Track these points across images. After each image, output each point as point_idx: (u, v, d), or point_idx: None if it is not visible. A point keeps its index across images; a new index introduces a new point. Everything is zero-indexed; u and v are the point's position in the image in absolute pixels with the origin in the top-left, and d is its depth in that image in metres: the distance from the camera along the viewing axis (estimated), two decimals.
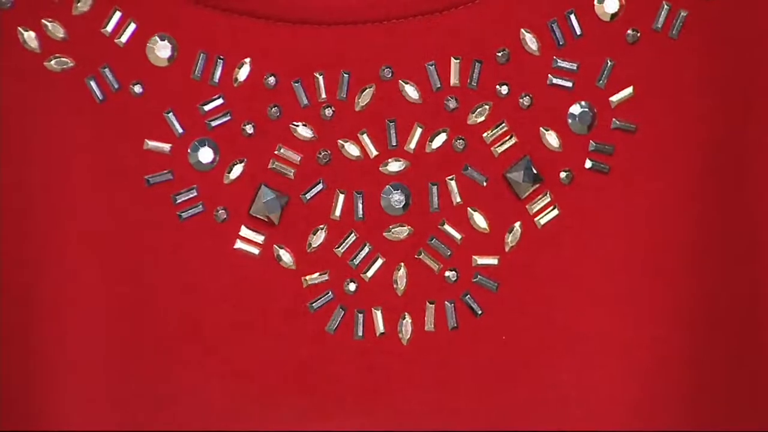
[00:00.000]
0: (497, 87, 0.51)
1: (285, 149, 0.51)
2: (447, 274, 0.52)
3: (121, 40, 0.50)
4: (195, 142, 0.51)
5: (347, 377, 0.52)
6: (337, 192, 0.51)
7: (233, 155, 0.51)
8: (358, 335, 0.52)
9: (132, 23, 0.50)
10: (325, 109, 0.51)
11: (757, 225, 0.52)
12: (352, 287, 0.52)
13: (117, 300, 0.51)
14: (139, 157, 0.50)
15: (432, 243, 0.52)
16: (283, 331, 0.52)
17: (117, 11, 0.49)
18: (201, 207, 0.51)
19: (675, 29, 0.50)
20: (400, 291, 0.52)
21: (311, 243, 0.51)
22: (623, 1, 0.50)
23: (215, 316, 0.51)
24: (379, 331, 0.52)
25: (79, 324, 0.51)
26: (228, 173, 0.51)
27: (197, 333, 0.51)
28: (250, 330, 0.51)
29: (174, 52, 0.50)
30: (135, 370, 0.52)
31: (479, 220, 0.52)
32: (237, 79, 0.50)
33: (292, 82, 0.50)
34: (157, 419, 0.52)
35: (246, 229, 0.51)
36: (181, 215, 0.51)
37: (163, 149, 0.51)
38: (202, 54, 0.50)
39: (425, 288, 0.52)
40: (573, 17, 0.50)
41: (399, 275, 0.52)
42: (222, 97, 0.50)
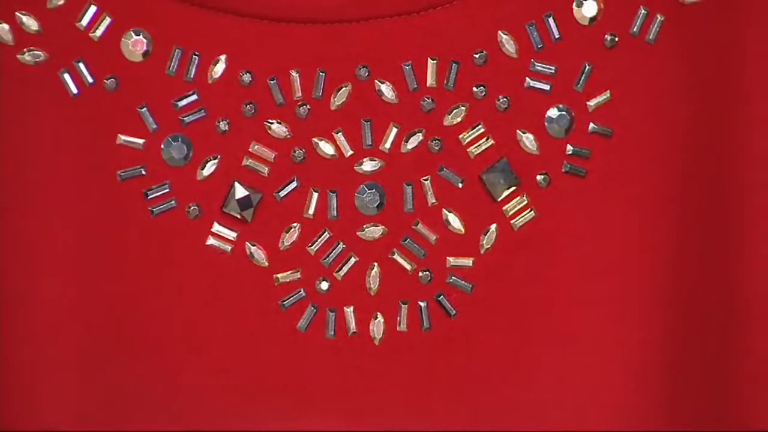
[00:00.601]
0: (474, 88, 0.51)
1: (259, 146, 0.51)
2: (421, 274, 0.52)
3: (96, 34, 0.50)
4: (168, 137, 0.50)
5: (318, 376, 0.52)
6: (311, 190, 0.51)
7: (207, 151, 0.51)
8: (329, 334, 0.52)
9: (107, 17, 0.49)
10: (301, 108, 0.50)
11: (734, 228, 0.51)
12: (324, 286, 0.52)
13: (87, 295, 0.51)
14: (112, 152, 0.50)
15: (406, 243, 0.52)
16: (255, 329, 0.51)
17: (92, 5, 0.49)
18: (173, 203, 0.51)
19: (652, 34, 0.50)
20: (372, 291, 0.52)
21: (284, 241, 0.51)
22: (602, 5, 0.50)
23: (186, 312, 0.51)
24: (351, 331, 0.52)
25: (49, 321, 0.51)
26: (201, 169, 0.51)
27: (168, 329, 0.51)
28: (221, 327, 0.51)
29: (149, 47, 0.50)
30: (105, 366, 0.52)
31: (454, 221, 0.52)
32: (212, 76, 0.50)
33: (267, 79, 0.50)
34: (129, 416, 0.52)
35: (218, 226, 0.51)
36: (153, 211, 0.51)
37: (136, 144, 0.50)
38: (177, 50, 0.50)
39: (398, 288, 0.52)
40: (551, 20, 0.50)
41: (372, 275, 0.52)
42: (196, 94, 0.50)
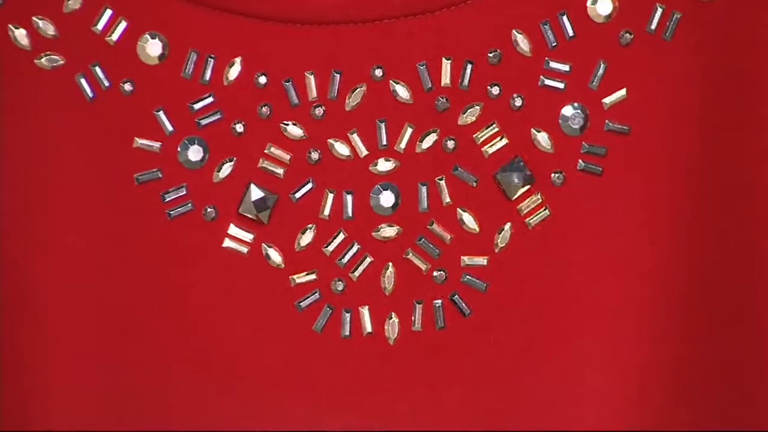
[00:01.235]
0: (488, 88, 0.51)
1: (275, 148, 0.51)
2: (435, 274, 0.52)
3: (112, 38, 0.50)
4: (185, 140, 0.51)
5: (334, 376, 0.52)
6: (327, 191, 0.51)
7: (223, 154, 0.51)
8: (345, 334, 0.52)
9: (123, 21, 0.50)
10: (316, 109, 0.51)
11: (751, 227, 0.51)
12: (339, 286, 0.52)
13: (104, 298, 0.51)
14: (129, 155, 0.51)
15: (420, 243, 0.52)
16: (271, 330, 0.52)
17: (108, 9, 0.50)
18: (190, 205, 0.51)
19: (669, 31, 0.50)
20: (387, 291, 0.52)
21: (300, 242, 0.52)
22: (617, 3, 0.50)
23: (203, 314, 0.51)
24: (366, 331, 0.52)
25: (68, 322, 0.51)
26: (217, 172, 0.51)
27: (185, 331, 0.52)
28: (237, 328, 0.52)
29: (165, 50, 0.50)
30: (124, 368, 0.52)
31: (469, 220, 0.52)
32: (227, 78, 0.50)
33: (282, 81, 0.50)
34: (146, 418, 0.52)
35: (235, 228, 0.51)
36: (170, 213, 0.51)
37: (153, 147, 0.51)
38: (192, 52, 0.50)
39: (413, 288, 0.52)
40: (565, 18, 0.50)
41: (387, 275, 0.52)
42: (212, 96, 0.50)
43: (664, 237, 0.51)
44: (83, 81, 0.50)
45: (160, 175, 0.51)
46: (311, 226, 0.52)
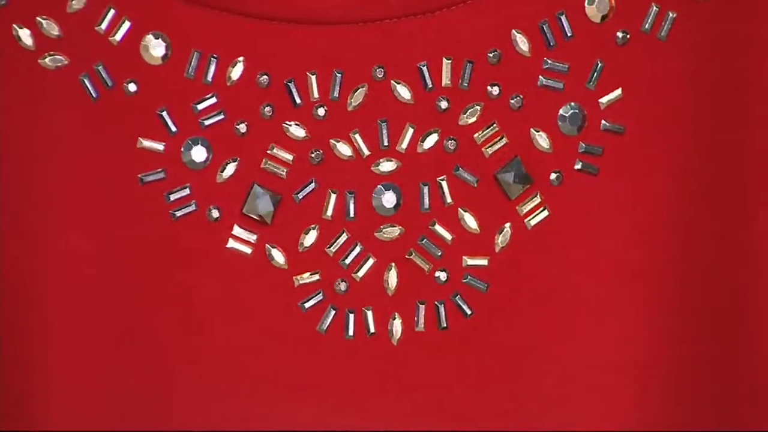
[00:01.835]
0: (488, 88, 0.51)
1: (278, 149, 0.51)
2: (437, 274, 0.52)
3: (116, 38, 0.50)
4: (188, 140, 0.51)
5: (337, 377, 0.52)
6: (329, 192, 0.51)
7: (226, 154, 0.51)
8: (348, 335, 0.52)
9: (126, 21, 0.50)
10: (318, 109, 0.51)
11: (747, 227, 0.52)
12: (343, 287, 0.52)
13: (107, 298, 0.51)
14: (133, 156, 0.50)
15: (423, 243, 0.52)
16: (274, 331, 0.52)
17: (111, 9, 0.50)
18: (194, 206, 0.51)
19: (664, 31, 0.51)
20: (390, 291, 0.52)
21: (303, 242, 0.52)
22: (613, 3, 0.51)
23: (207, 314, 0.51)
24: (370, 331, 0.52)
25: (70, 322, 0.51)
26: (221, 172, 0.51)
27: (188, 332, 0.51)
28: (241, 329, 0.51)
29: (168, 50, 0.50)
30: (126, 368, 0.51)
31: (470, 220, 0.52)
32: (230, 78, 0.50)
33: (285, 81, 0.50)
34: (148, 418, 0.52)
35: (238, 228, 0.51)
36: (174, 214, 0.51)
37: (157, 148, 0.51)
38: (195, 53, 0.50)
39: (415, 288, 0.52)
40: (564, 18, 0.51)
41: (390, 275, 0.52)
42: (215, 96, 0.50)
43: (660, 236, 0.52)
44: (87, 81, 0.50)
45: (163, 176, 0.51)
46: (314, 226, 0.52)
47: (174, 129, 0.50)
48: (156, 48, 0.50)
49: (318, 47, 0.50)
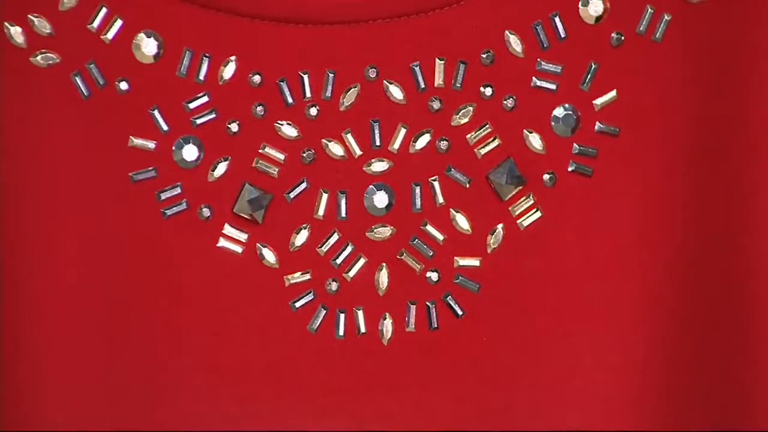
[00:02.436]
0: (481, 88, 0.51)
1: (269, 148, 0.51)
2: (428, 274, 0.52)
3: (108, 36, 0.50)
4: (179, 139, 0.51)
5: (328, 377, 0.52)
6: (321, 191, 0.51)
7: (217, 153, 0.51)
8: (339, 335, 0.52)
9: (118, 20, 0.50)
10: (310, 109, 0.51)
11: (742, 226, 0.52)
12: (333, 287, 0.52)
13: (98, 296, 0.51)
14: (124, 154, 0.50)
15: (414, 243, 0.52)
16: (265, 330, 0.52)
17: (103, 7, 0.50)
18: (185, 205, 0.51)
19: (658, 33, 0.51)
20: (381, 291, 0.52)
21: (294, 242, 0.52)
22: (607, 4, 0.51)
23: (198, 313, 0.51)
24: (360, 331, 0.52)
25: (62, 321, 0.51)
26: (212, 171, 0.51)
27: (179, 331, 0.51)
28: (232, 328, 0.51)
29: (160, 49, 0.50)
30: (118, 367, 0.52)
31: (462, 221, 0.52)
32: (222, 77, 0.50)
33: (277, 80, 0.50)
34: (141, 417, 0.52)
35: (229, 228, 0.51)
36: (165, 212, 0.51)
37: (148, 146, 0.51)
38: (187, 51, 0.50)
39: (407, 288, 0.52)
40: (558, 20, 0.51)
41: (381, 275, 0.52)
42: (207, 95, 0.51)
43: (654, 237, 0.52)
44: (78, 79, 0.50)
45: (155, 174, 0.51)
46: (306, 226, 0.52)
47: (165, 128, 0.50)
48: (148, 46, 0.50)
49: (310, 47, 0.50)
